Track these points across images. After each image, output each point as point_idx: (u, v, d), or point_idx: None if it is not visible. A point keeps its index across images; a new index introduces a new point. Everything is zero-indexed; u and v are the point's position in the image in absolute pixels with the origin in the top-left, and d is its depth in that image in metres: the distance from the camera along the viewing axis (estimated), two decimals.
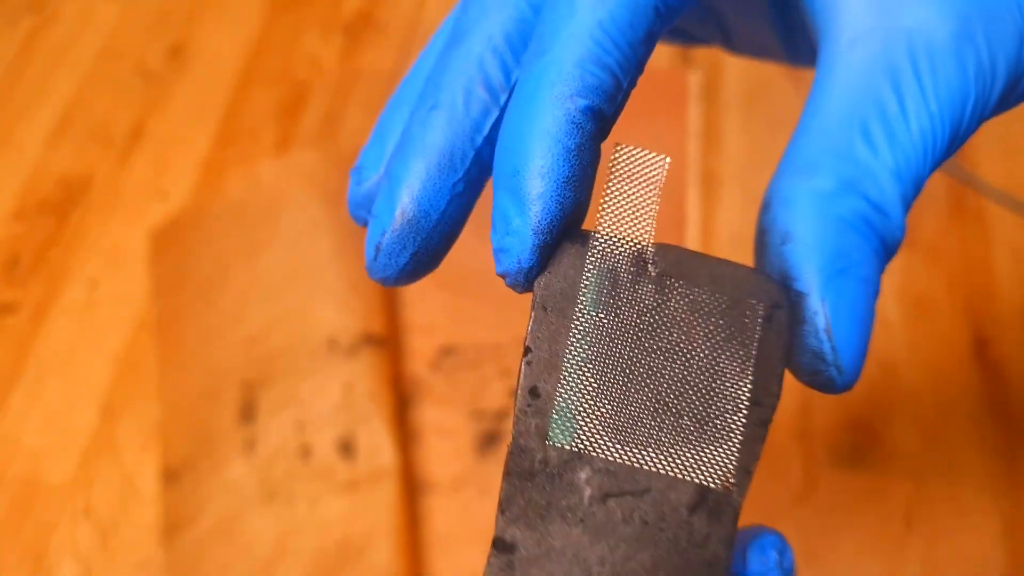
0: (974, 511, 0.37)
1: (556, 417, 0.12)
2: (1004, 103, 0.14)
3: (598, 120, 0.13)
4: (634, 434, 0.12)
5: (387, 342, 0.39)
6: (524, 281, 0.13)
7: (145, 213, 0.46)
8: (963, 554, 0.36)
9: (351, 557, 0.34)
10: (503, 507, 0.12)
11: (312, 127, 0.49)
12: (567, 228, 0.13)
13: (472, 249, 0.44)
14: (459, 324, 0.41)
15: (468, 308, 0.42)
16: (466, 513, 0.37)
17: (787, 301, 0.13)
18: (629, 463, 0.12)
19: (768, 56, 0.20)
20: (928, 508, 0.37)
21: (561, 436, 0.12)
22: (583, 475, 0.12)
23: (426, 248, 0.15)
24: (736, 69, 0.49)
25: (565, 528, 0.12)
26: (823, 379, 0.13)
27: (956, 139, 0.14)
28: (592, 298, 0.12)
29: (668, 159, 0.13)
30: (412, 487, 0.37)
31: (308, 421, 0.37)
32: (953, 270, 0.43)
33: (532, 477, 0.12)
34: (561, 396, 0.12)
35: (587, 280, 0.12)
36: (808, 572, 0.36)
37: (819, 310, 0.12)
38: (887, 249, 0.13)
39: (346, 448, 0.36)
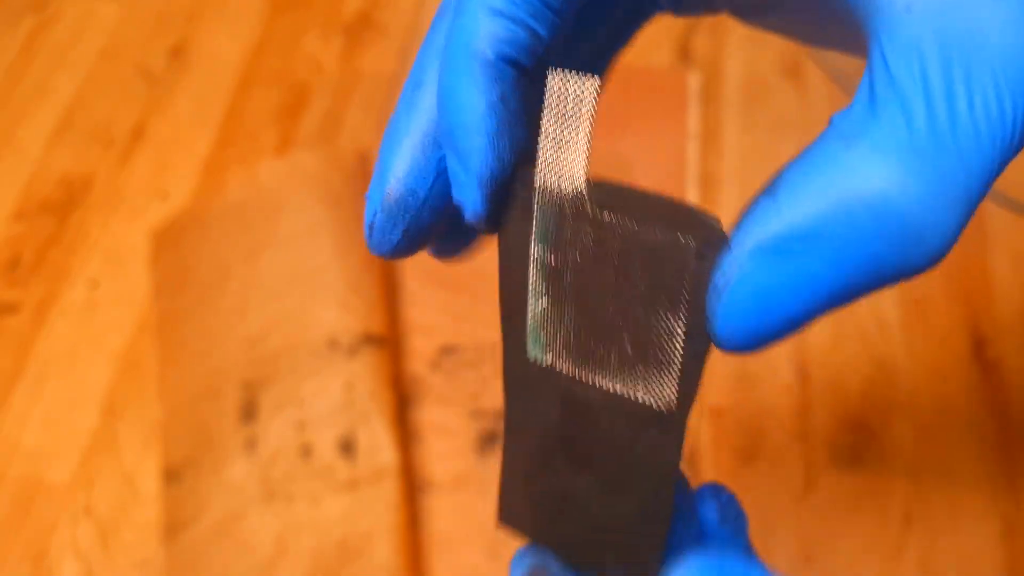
0: (973, 511, 0.37)
1: (528, 339, 0.14)
2: None
3: (517, 69, 0.13)
4: (589, 358, 0.13)
5: (387, 342, 0.39)
6: (486, 226, 0.14)
7: (146, 213, 0.46)
8: (962, 554, 0.36)
9: (351, 556, 0.34)
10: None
11: (312, 128, 0.49)
12: (516, 168, 0.13)
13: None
14: (459, 324, 0.42)
15: (468, 308, 0.42)
16: (466, 512, 0.37)
17: (721, 241, 0.13)
18: (585, 378, 0.13)
19: (780, 27, 0.19)
20: (927, 508, 0.37)
21: (533, 352, 0.14)
22: (550, 385, 0.13)
23: (416, 225, 0.15)
24: (735, 70, 0.49)
25: (544, 423, 0.14)
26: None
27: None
28: (541, 239, 0.13)
29: (597, 80, 0.13)
30: (412, 486, 0.37)
31: (308, 421, 0.37)
32: (951, 271, 0.43)
33: (522, 380, 0.14)
34: (529, 324, 0.14)
35: (536, 223, 0.13)
36: (807, 571, 0.36)
37: (729, 271, 0.12)
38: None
39: (346, 448, 0.36)
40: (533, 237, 0.13)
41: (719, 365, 0.41)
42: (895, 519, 0.37)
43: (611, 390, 0.13)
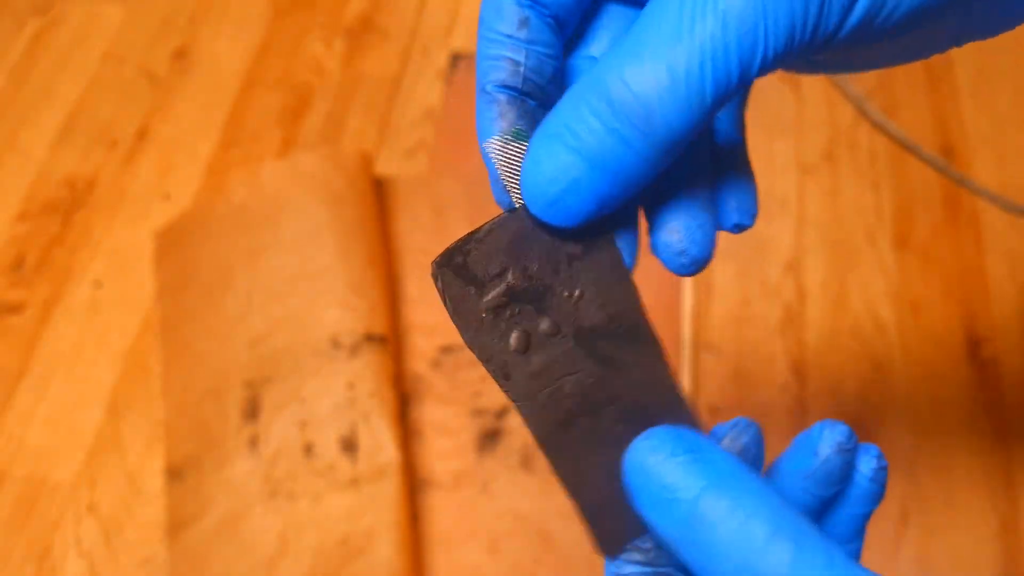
0: (969, 509, 0.37)
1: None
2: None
3: (509, 91, 0.17)
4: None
5: (388, 342, 0.40)
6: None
7: (149, 214, 0.46)
8: (958, 551, 0.36)
9: (353, 554, 0.35)
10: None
11: (314, 130, 0.49)
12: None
13: None
14: None
15: None
16: (466, 510, 0.37)
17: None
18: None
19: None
20: (924, 506, 0.37)
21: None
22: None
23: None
24: None
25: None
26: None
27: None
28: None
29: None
30: (413, 484, 0.38)
31: (310, 420, 0.37)
32: (947, 272, 0.44)
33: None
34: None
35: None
36: None
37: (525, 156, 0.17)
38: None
39: (348, 446, 0.37)
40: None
41: (717, 365, 0.41)
42: (892, 517, 0.37)
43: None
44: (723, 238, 0.45)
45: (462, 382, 0.40)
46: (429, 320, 0.42)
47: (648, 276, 0.20)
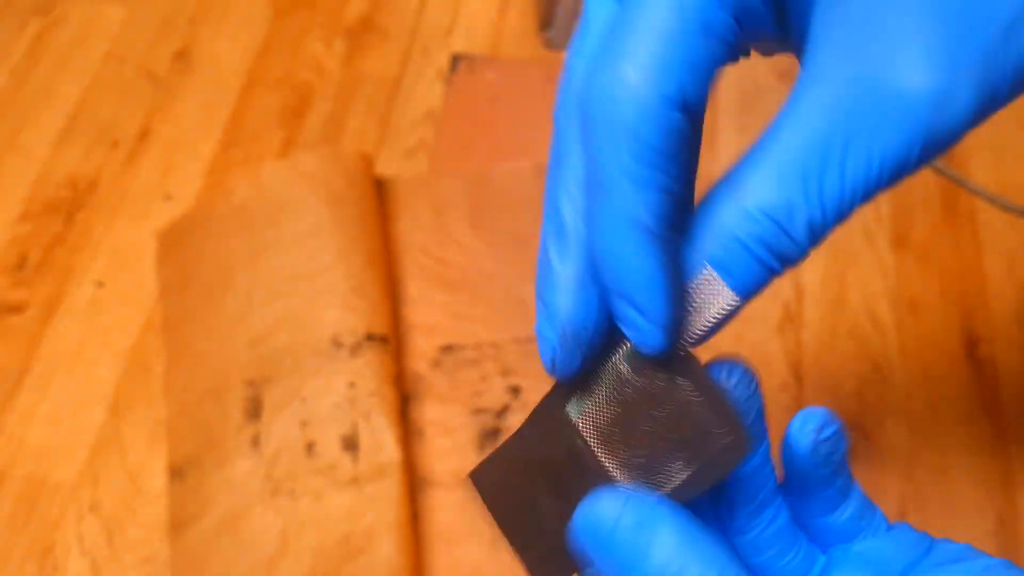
0: (966, 508, 0.37)
1: (572, 399, 0.18)
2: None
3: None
4: (608, 445, 0.18)
5: (389, 341, 0.40)
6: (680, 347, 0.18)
7: (151, 214, 0.47)
8: None
9: (354, 552, 0.35)
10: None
11: (315, 130, 0.50)
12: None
13: (473, 251, 0.44)
14: (459, 323, 0.42)
15: (468, 308, 0.42)
16: (467, 508, 0.37)
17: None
18: (598, 458, 0.18)
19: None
20: (921, 504, 0.38)
21: (570, 410, 0.18)
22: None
23: (590, 351, 0.18)
24: (731, 73, 0.50)
25: (547, 452, 0.19)
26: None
27: (891, 182, 0.16)
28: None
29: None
30: (414, 483, 0.38)
31: (312, 419, 0.38)
32: (945, 271, 0.44)
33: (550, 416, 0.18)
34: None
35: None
36: None
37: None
38: (780, 262, 0.16)
39: (349, 445, 0.37)
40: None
41: None
42: (889, 515, 0.37)
43: (612, 474, 0.18)
44: None
45: (462, 381, 0.40)
46: (429, 320, 0.42)
47: None
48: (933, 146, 0.15)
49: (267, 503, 0.36)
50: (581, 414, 0.18)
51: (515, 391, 0.40)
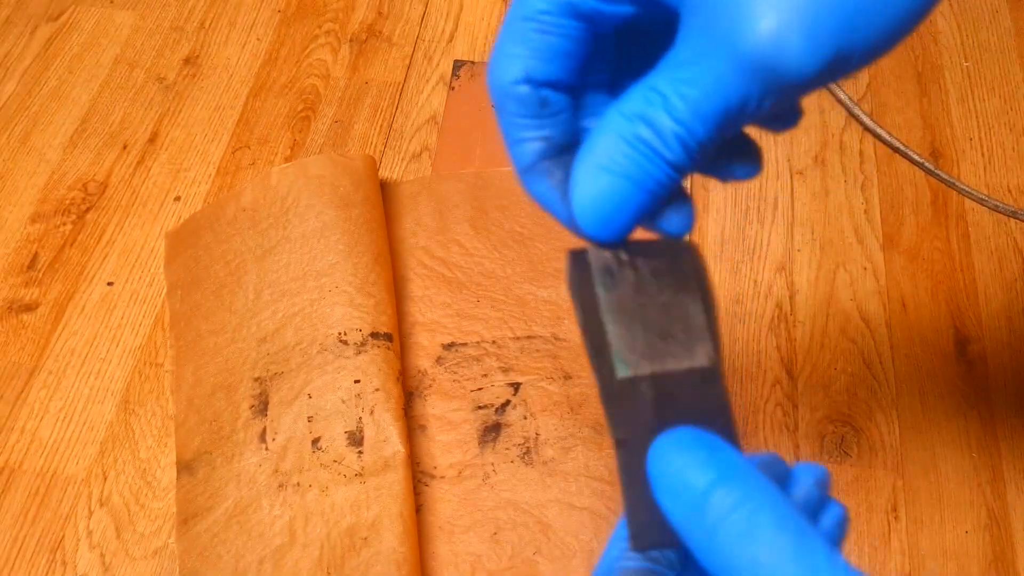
0: (958, 503, 0.38)
1: (616, 363, 0.18)
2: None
3: (549, 159, 0.21)
4: (658, 353, 0.19)
5: (393, 339, 0.40)
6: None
7: (161, 216, 0.47)
8: (947, 544, 0.37)
9: (359, 544, 0.35)
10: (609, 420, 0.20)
11: (321, 134, 0.50)
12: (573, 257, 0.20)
13: (474, 251, 0.45)
14: (462, 321, 0.43)
15: (471, 306, 0.43)
16: (468, 501, 0.38)
17: (694, 248, 0.20)
18: (662, 370, 0.18)
19: None
20: (912, 499, 0.38)
21: (621, 370, 0.18)
22: (643, 386, 0.18)
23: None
24: None
25: (642, 422, 0.19)
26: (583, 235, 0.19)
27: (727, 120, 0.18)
28: (600, 287, 0.19)
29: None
30: (417, 476, 0.39)
31: (318, 414, 0.38)
32: (936, 271, 0.45)
33: (615, 387, 0.19)
34: (612, 348, 0.19)
35: (594, 279, 0.19)
36: None
37: (572, 190, 0.18)
38: (664, 162, 0.18)
39: (354, 440, 0.37)
40: (597, 291, 0.19)
41: None
42: (881, 511, 0.38)
43: (680, 367, 0.18)
44: (716, 239, 0.46)
45: (464, 378, 0.41)
46: (432, 318, 0.43)
47: None
48: (771, 94, 0.17)
49: (275, 496, 0.37)
50: (625, 363, 0.19)
51: (515, 387, 0.41)
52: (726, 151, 0.21)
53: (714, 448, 0.17)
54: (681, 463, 0.17)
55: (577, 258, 0.19)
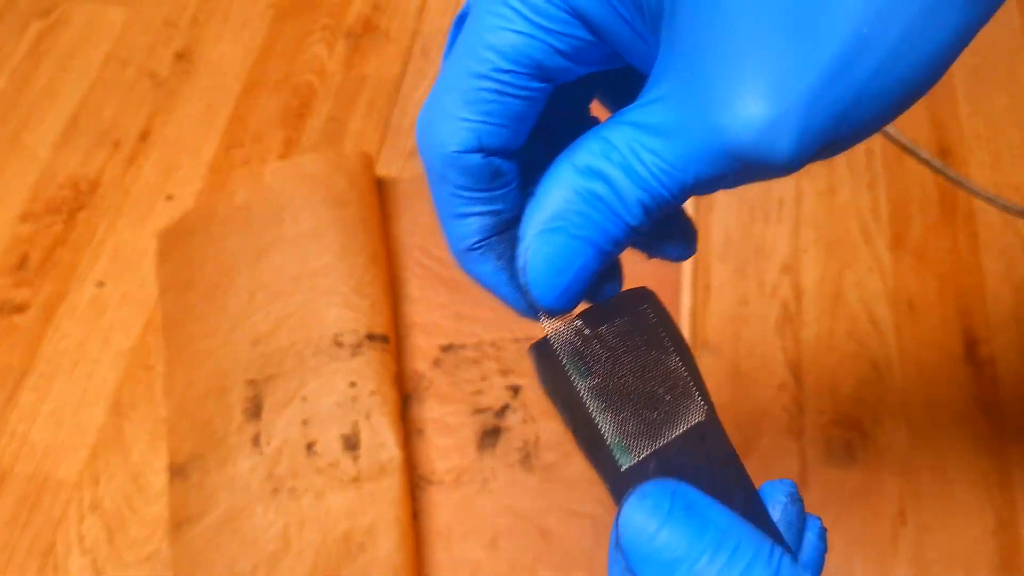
0: (965, 507, 0.37)
1: (616, 454, 0.18)
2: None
3: (498, 235, 0.19)
4: (653, 427, 0.18)
5: (390, 341, 0.40)
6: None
7: (152, 215, 0.47)
8: (955, 549, 0.37)
9: (354, 550, 0.35)
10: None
11: (316, 131, 0.50)
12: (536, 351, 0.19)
13: None
14: (460, 323, 0.42)
15: (469, 308, 0.43)
16: (466, 506, 0.37)
17: (651, 294, 0.19)
18: (663, 443, 0.18)
19: None
20: (920, 504, 0.38)
21: (623, 461, 0.18)
22: (650, 466, 0.18)
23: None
24: None
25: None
26: (528, 306, 0.18)
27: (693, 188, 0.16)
28: (576, 376, 0.18)
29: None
30: (414, 481, 0.38)
31: (313, 418, 0.38)
32: (944, 271, 0.44)
33: (621, 478, 0.18)
34: (608, 441, 0.18)
35: (567, 370, 0.18)
36: None
37: (523, 255, 0.17)
38: (624, 224, 0.17)
39: (350, 444, 0.37)
40: (574, 383, 0.18)
41: (715, 365, 0.41)
42: (888, 515, 0.37)
43: (677, 432, 0.18)
44: (720, 240, 0.45)
45: (463, 381, 0.40)
46: (430, 320, 0.42)
47: (644, 276, 0.20)
48: (748, 177, 0.16)
49: (268, 501, 0.36)
50: (627, 450, 0.18)
51: (515, 390, 0.40)
52: (663, 228, 0.19)
53: (691, 506, 0.16)
54: (652, 533, 0.16)
55: (542, 351, 0.18)
